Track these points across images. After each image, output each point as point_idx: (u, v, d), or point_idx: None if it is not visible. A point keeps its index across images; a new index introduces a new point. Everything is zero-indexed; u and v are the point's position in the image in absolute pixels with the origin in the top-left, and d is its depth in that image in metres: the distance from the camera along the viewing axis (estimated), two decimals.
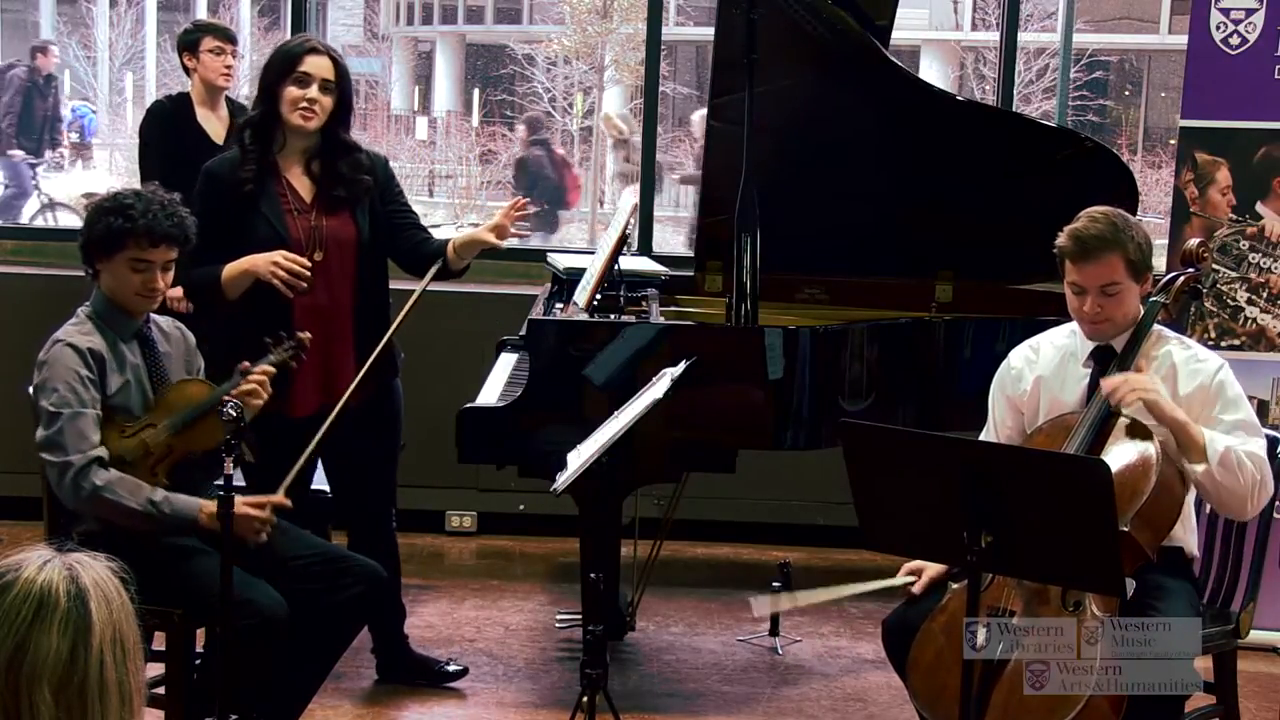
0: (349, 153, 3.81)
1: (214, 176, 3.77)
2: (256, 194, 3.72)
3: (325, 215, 3.78)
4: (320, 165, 3.80)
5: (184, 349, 3.45)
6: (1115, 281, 3.11)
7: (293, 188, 3.78)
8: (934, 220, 4.60)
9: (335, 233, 3.77)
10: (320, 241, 3.75)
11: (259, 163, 3.73)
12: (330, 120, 3.75)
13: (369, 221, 3.82)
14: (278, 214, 3.73)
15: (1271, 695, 4.28)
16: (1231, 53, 4.59)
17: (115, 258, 3.22)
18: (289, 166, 3.79)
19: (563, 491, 3.41)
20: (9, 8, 17.20)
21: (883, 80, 4.38)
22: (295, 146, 3.78)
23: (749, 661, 4.43)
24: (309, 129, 3.72)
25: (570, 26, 15.58)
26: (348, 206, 3.80)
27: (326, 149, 3.79)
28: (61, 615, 1.59)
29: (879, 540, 3.04)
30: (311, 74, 3.71)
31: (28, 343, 3.32)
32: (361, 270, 3.82)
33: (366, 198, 3.82)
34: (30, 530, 4.06)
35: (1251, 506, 3.10)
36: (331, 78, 3.73)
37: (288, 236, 3.72)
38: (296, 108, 3.70)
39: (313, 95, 3.70)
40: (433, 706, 4.05)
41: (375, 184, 3.84)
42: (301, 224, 3.75)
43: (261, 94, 3.78)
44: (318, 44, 3.80)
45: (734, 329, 4.01)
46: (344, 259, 3.78)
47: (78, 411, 3.15)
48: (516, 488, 5.02)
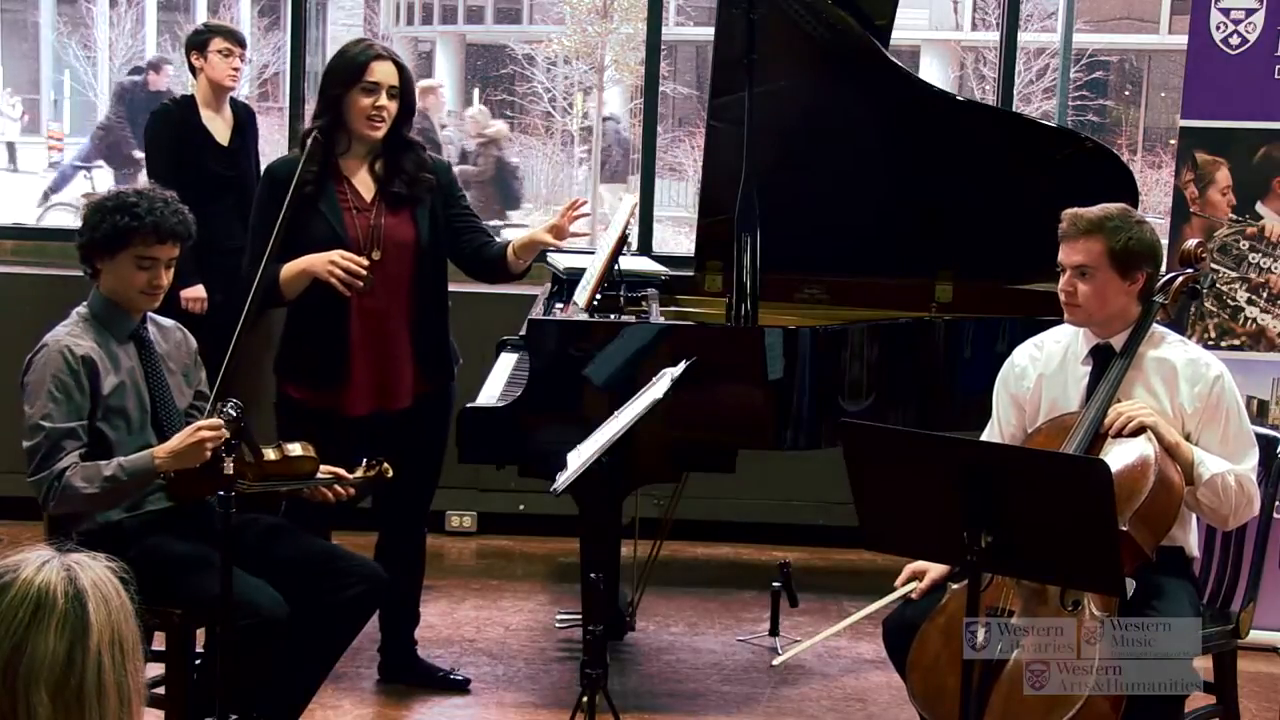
0: (412, 150, 3.81)
1: (275, 176, 3.77)
2: (316, 194, 3.71)
3: (385, 215, 3.77)
4: (384, 163, 3.79)
5: (184, 352, 3.45)
6: (1089, 265, 3.15)
7: (354, 187, 3.78)
8: (934, 220, 4.60)
9: (394, 232, 3.76)
10: (378, 240, 3.74)
11: (320, 165, 3.72)
12: (393, 121, 3.75)
13: (429, 223, 3.81)
14: (336, 213, 3.73)
15: (1271, 695, 4.28)
16: (1231, 53, 4.59)
17: (120, 256, 3.22)
18: (352, 167, 3.79)
19: (563, 491, 3.41)
20: (9, 8, 17.20)
21: (883, 80, 4.37)
22: (358, 149, 3.78)
23: (749, 661, 4.43)
24: (377, 138, 3.73)
25: (570, 26, 15.58)
26: (408, 207, 3.78)
27: (390, 147, 3.78)
28: (59, 617, 1.59)
29: (879, 540, 3.05)
30: (380, 82, 3.70)
31: (28, 343, 3.32)
32: (419, 272, 3.81)
33: (428, 197, 3.81)
34: (30, 530, 4.05)
35: (1234, 522, 3.16)
36: (397, 83, 3.73)
37: (345, 235, 3.71)
38: (365, 117, 3.70)
39: (382, 103, 3.70)
40: (433, 706, 4.05)
41: (438, 186, 3.83)
42: (360, 223, 3.74)
43: (327, 101, 3.75)
44: (381, 49, 3.79)
45: (734, 329, 4.01)
46: (402, 260, 3.77)
47: (58, 427, 3.15)
48: (516, 488, 5.02)
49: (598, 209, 13.50)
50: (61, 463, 3.15)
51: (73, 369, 3.17)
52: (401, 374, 3.82)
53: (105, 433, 3.22)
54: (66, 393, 3.16)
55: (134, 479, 3.16)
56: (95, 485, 3.14)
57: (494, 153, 10.17)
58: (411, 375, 3.83)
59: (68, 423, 3.16)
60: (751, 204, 3.96)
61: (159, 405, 3.32)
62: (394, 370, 3.81)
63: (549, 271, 4.95)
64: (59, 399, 3.16)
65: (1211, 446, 3.11)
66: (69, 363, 3.17)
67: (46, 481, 3.15)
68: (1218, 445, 3.11)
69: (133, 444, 3.26)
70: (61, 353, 3.18)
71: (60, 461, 3.15)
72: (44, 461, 3.15)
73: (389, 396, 3.81)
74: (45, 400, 3.15)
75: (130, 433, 3.26)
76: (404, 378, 3.82)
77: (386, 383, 3.80)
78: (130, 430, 3.26)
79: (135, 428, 3.28)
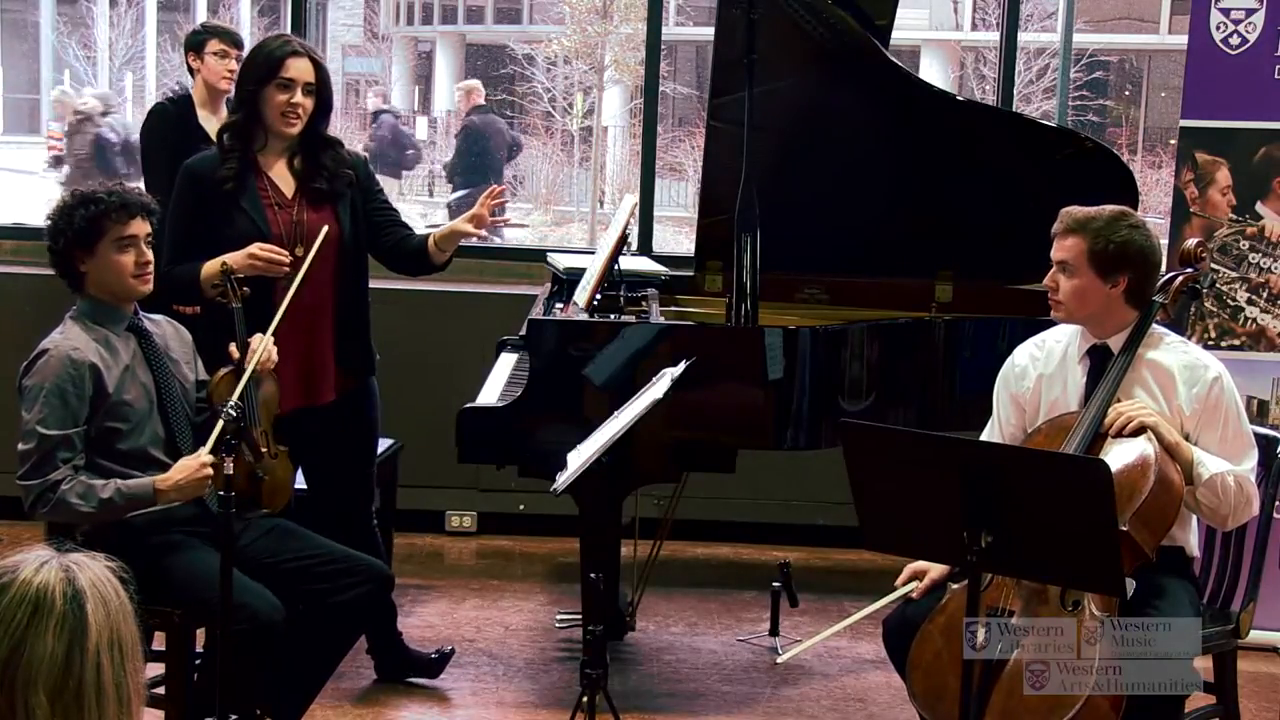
0: (330, 147, 3.81)
1: (194, 174, 3.77)
2: (237, 190, 3.71)
3: (307, 210, 3.77)
4: (302, 159, 3.79)
5: (180, 342, 3.46)
6: (1070, 263, 3.19)
7: (274, 183, 3.77)
8: (934, 220, 4.59)
9: (316, 228, 3.73)
10: (302, 236, 3.73)
11: (240, 160, 3.73)
12: (310, 118, 3.75)
13: (350, 218, 3.81)
14: (258, 209, 3.71)
15: (1271, 695, 4.28)
16: (1231, 53, 4.59)
17: (99, 246, 3.22)
18: (270, 163, 3.78)
19: (563, 491, 3.41)
20: (9, 8, 17.22)
21: (883, 80, 4.37)
22: (276, 145, 3.78)
23: (749, 661, 4.43)
24: (292, 134, 3.73)
25: (570, 26, 15.59)
26: (329, 202, 3.78)
27: (308, 144, 3.78)
28: (58, 618, 1.58)
29: (879, 540, 3.05)
30: (295, 79, 3.69)
31: (28, 343, 3.32)
32: (342, 267, 3.80)
33: (348, 192, 3.81)
34: (30, 530, 4.06)
35: (1233, 522, 3.16)
36: (313, 80, 3.72)
37: (269, 231, 3.70)
38: (281, 113, 3.70)
39: (297, 100, 3.69)
40: (433, 706, 4.05)
41: (357, 181, 3.84)
42: (283, 219, 3.74)
43: (242, 96, 3.77)
44: (298, 45, 3.77)
45: (734, 329, 4.01)
46: (325, 255, 3.73)
47: (51, 434, 3.15)
48: (516, 488, 5.02)
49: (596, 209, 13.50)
50: (55, 474, 3.15)
51: (74, 376, 3.17)
52: (325, 369, 3.79)
53: (113, 426, 3.23)
54: (63, 399, 3.16)
55: (129, 504, 3.18)
56: (90, 504, 3.15)
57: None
58: (335, 371, 3.81)
59: (62, 430, 3.16)
60: (751, 204, 3.96)
61: (163, 392, 3.32)
62: (318, 366, 3.79)
63: (549, 271, 4.96)
64: (54, 405, 3.15)
65: (1211, 448, 3.11)
66: (70, 370, 3.17)
67: (38, 490, 3.15)
68: (1217, 446, 3.11)
69: (139, 433, 3.26)
70: (63, 360, 3.17)
71: (53, 472, 3.15)
72: (36, 469, 3.15)
73: (313, 392, 3.78)
74: (41, 406, 3.15)
75: (136, 422, 3.27)
76: (327, 373, 3.80)
77: (311, 378, 3.78)
78: (137, 419, 3.27)
79: (141, 416, 3.28)
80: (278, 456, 3.45)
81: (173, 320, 3.52)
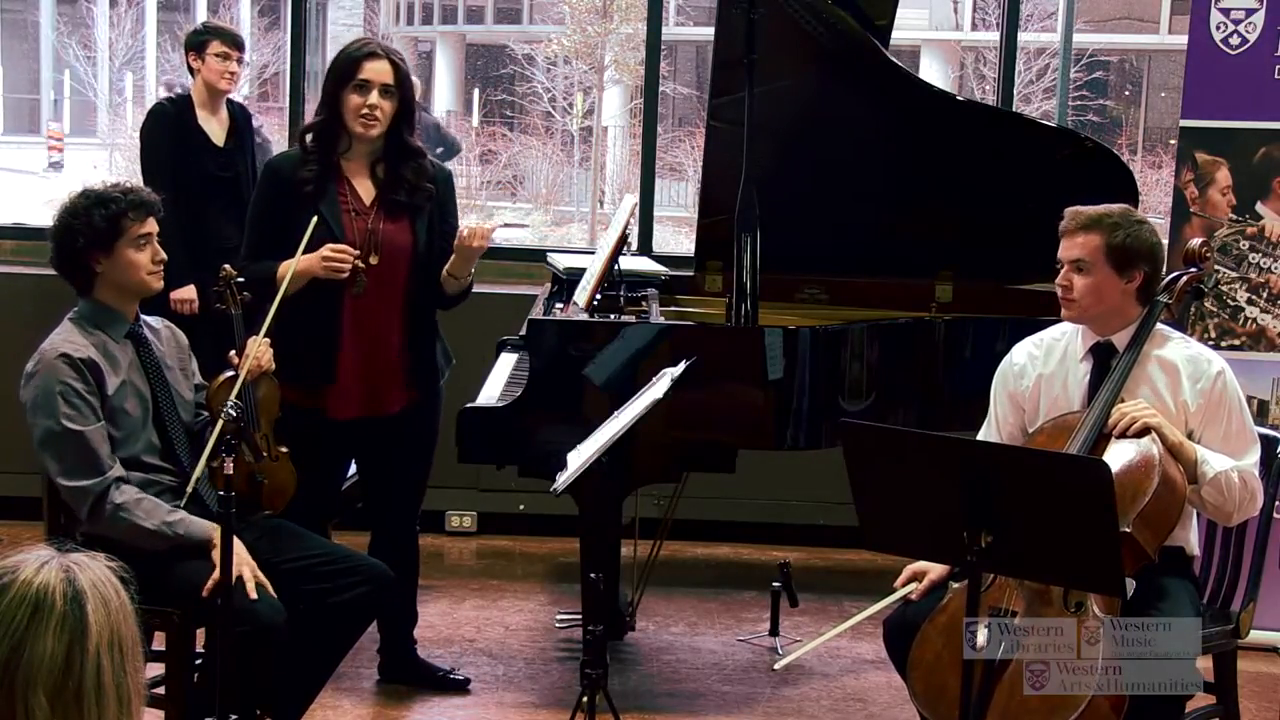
0: (413, 157, 3.79)
1: (276, 172, 3.77)
2: (317, 194, 3.70)
3: (383, 220, 3.75)
4: (385, 168, 3.78)
5: (176, 347, 3.45)
6: (1086, 260, 3.17)
7: (354, 189, 3.76)
8: (934, 220, 4.59)
9: (392, 238, 3.74)
10: (376, 245, 3.73)
11: (321, 164, 3.72)
12: (394, 124, 3.73)
13: (427, 233, 3.80)
14: (335, 214, 3.71)
15: (1271, 695, 4.28)
16: (1231, 53, 4.59)
17: (118, 244, 3.20)
18: (353, 169, 3.77)
19: (563, 491, 3.41)
20: (9, 8, 17.22)
21: (883, 80, 4.37)
22: (360, 150, 3.76)
23: (749, 661, 4.43)
24: (370, 136, 3.71)
25: (570, 26, 15.60)
26: (407, 214, 3.77)
27: (391, 152, 3.77)
28: (58, 618, 1.58)
29: (879, 540, 3.04)
30: (371, 80, 3.68)
31: (28, 343, 3.31)
32: (414, 280, 3.79)
33: (427, 206, 3.79)
34: (30, 530, 4.06)
35: (1238, 517, 3.17)
36: (391, 82, 3.70)
37: (343, 238, 3.69)
38: (358, 115, 3.68)
39: (373, 101, 3.68)
40: (433, 706, 4.04)
41: (436, 196, 3.82)
42: (358, 226, 3.73)
43: (324, 100, 3.76)
44: (377, 47, 3.77)
45: (734, 329, 4.01)
46: (397, 266, 3.75)
47: (80, 430, 3.13)
48: (516, 488, 5.02)
49: (596, 209, 13.49)
50: (109, 474, 3.13)
51: (78, 372, 3.16)
52: (390, 382, 3.80)
53: (109, 432, 3.22)
54: (80, 396, 3.14)
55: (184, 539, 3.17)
56: (152, 523, 3.15)
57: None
58: (400, 384, 3.82)
59: (91, 425, 3.14)
60: (751, 204, 3.96)
61: (160, 402, 3.31)
62: (383, 378, 3.79)
63: (549, 271, 4.96)
64: (76, 403, 3.14)
65: (1214, 443, 3.11)
66: (75, 368, 3.16)
67: (97, 490, 3.12)
68: (1220, 442, 3.11)
69: (134, 441, 3.25)
70: (62, 360, 3.16)
71: (104, 471, 3.13)
72: (84, 468, 3.13)
73: (377, 403, 3.80)
74: (61, 405, 3.13)
75: (131, 430, 3.26)
76: (392, 386, 3.81)
77: (375, 390, 3.79)
78: (132, 428, 3.26)
79: (136, 425, 3.27)
80: (278, 459, 3.45)
81: (169, 324, 3.51)
